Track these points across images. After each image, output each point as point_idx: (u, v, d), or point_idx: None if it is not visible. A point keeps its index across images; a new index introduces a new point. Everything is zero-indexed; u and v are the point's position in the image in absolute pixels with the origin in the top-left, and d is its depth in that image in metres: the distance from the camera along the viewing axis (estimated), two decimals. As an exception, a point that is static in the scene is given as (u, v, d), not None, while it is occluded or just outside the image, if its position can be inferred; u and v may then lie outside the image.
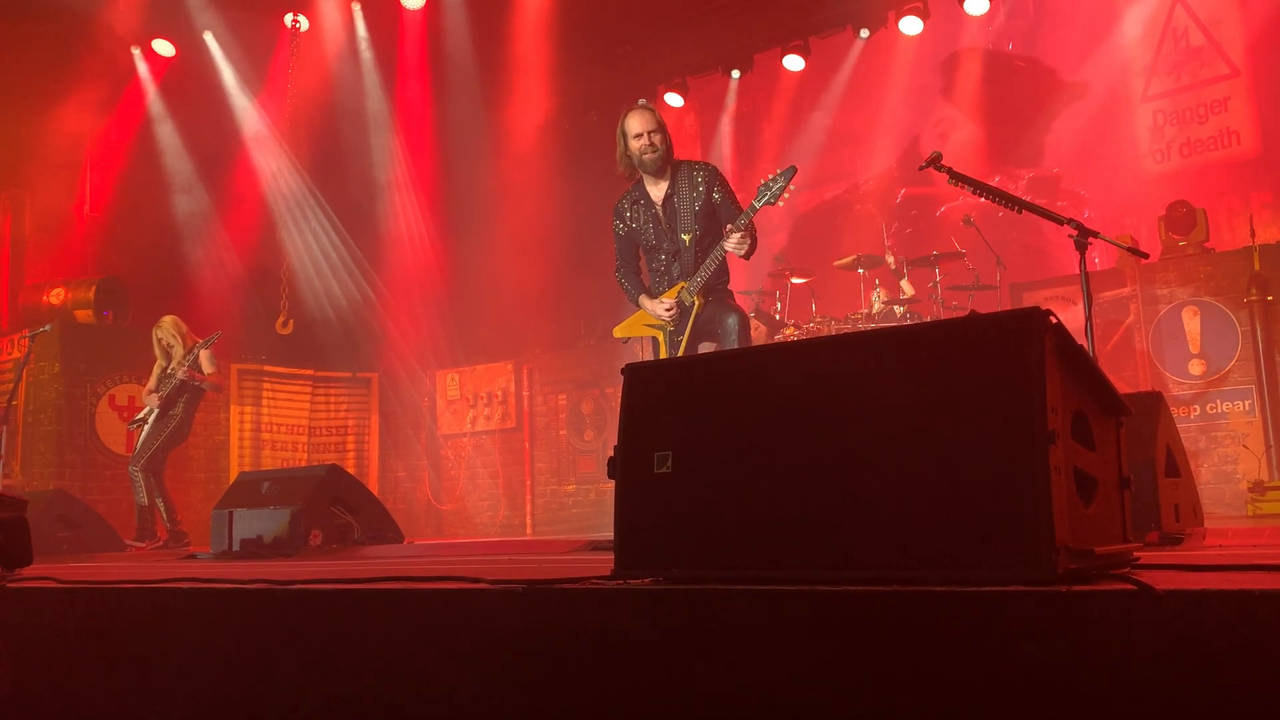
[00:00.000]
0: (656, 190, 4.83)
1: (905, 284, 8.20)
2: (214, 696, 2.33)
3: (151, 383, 7.67)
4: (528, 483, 10.58)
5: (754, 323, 7.89)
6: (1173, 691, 1.35)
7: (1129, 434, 2.46)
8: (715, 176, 4.80)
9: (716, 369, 2.04)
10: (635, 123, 4.72)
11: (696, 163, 4.87)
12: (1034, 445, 1.57)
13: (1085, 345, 3.93)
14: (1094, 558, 1.65)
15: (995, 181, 9.38)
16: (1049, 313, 1.64)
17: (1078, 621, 1.44)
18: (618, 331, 5.10)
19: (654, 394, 2.07)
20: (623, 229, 4.96)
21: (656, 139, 4.71)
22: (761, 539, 1.85)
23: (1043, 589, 1.48)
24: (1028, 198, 9.29)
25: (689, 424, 1.99)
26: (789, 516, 1.82)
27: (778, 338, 8.16)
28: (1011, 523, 1.58)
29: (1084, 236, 3.81)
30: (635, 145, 4.73)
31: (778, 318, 8.49)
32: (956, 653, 1.51)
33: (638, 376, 2.09)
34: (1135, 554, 1.93)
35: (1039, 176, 9.60)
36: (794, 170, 4.62)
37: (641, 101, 4.96)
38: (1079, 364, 1.76)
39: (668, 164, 4.79)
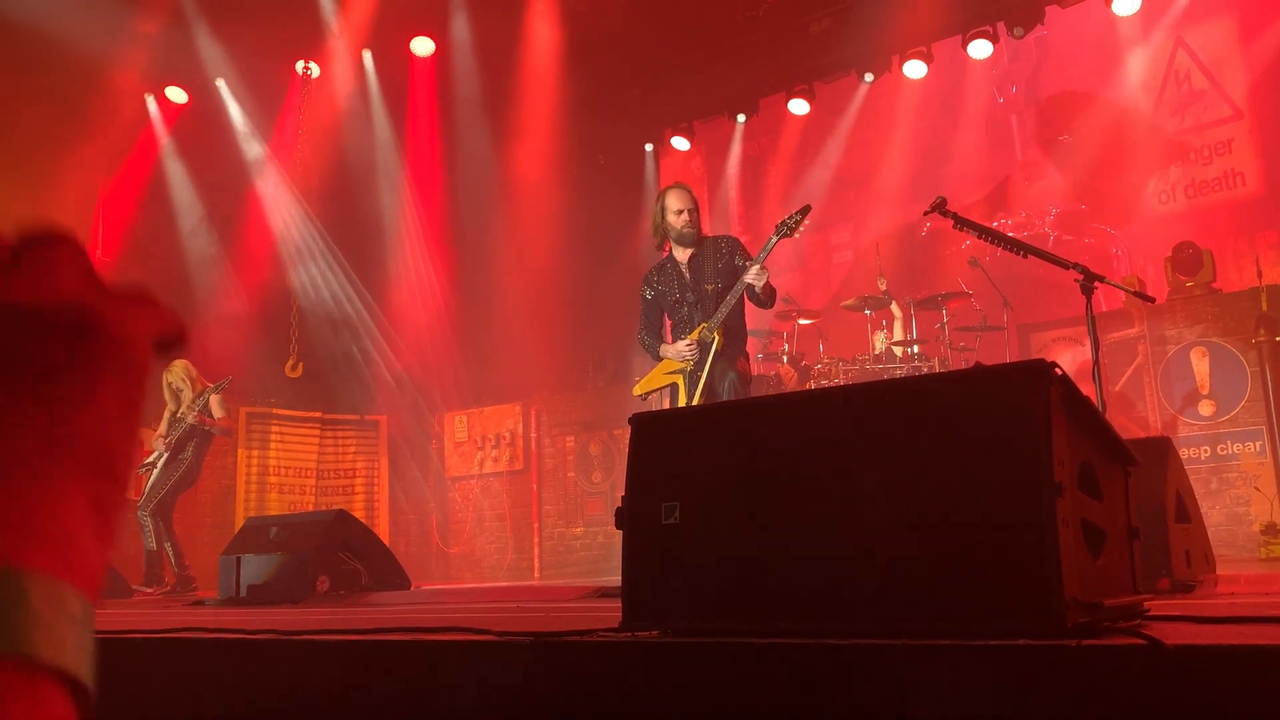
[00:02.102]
0: (683, 255, 5.28)
1: (895, 307, 8.26)
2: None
3: (161, 427, 7.69)
4: (535, 525, 10.54)
5: (786, 369, 7.95)
6: (1184, 749, 1.34)
7: (1138, 481, 2.45)
8: (738, 246, 5.28)
9: (724, 419, 2.05)
10: (675, 200, 5.25)
11: (721, 236, 5.38)
12: (1041, 498, 1.57)
13: (1093, 388, 3.93)
14: (1103, 610, 1.65)
15: (1021, 217, 9.44)
16: (1054, 365, 1.65)
17: (1087, 676, 1.43)
18: (638, 389, 5.36)
19: (661, 444, 2.07)
20: (650, 294, 5.36)
21: (695, 216, 5.24)
22: (770, 591, 1.85)
23: (1052, 643, 1.48)
24: (1055, 234, 9.41)
25: (697, 474, 1.99)
26: (798, 569, 1.82)
27: (810, 386, 8.17)
28: (1020, 576, 1.58)
29: (1089, 281, 3.82)
30: (675, 220, 5.21)
31: (808, 365, 8.48)
32: (966, 707, 1.50)
33: (645, 427, 2.10)
34: (1146, 605, 1.91)
35: (1065, 213, 9.64)
36: (809, 208, 5.12)
37: (680, 184, 5.50)
38: (1085, 415, 1.77)
39: (699, 238, 5.29)
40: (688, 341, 5.04)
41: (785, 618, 1.81)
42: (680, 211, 5.20)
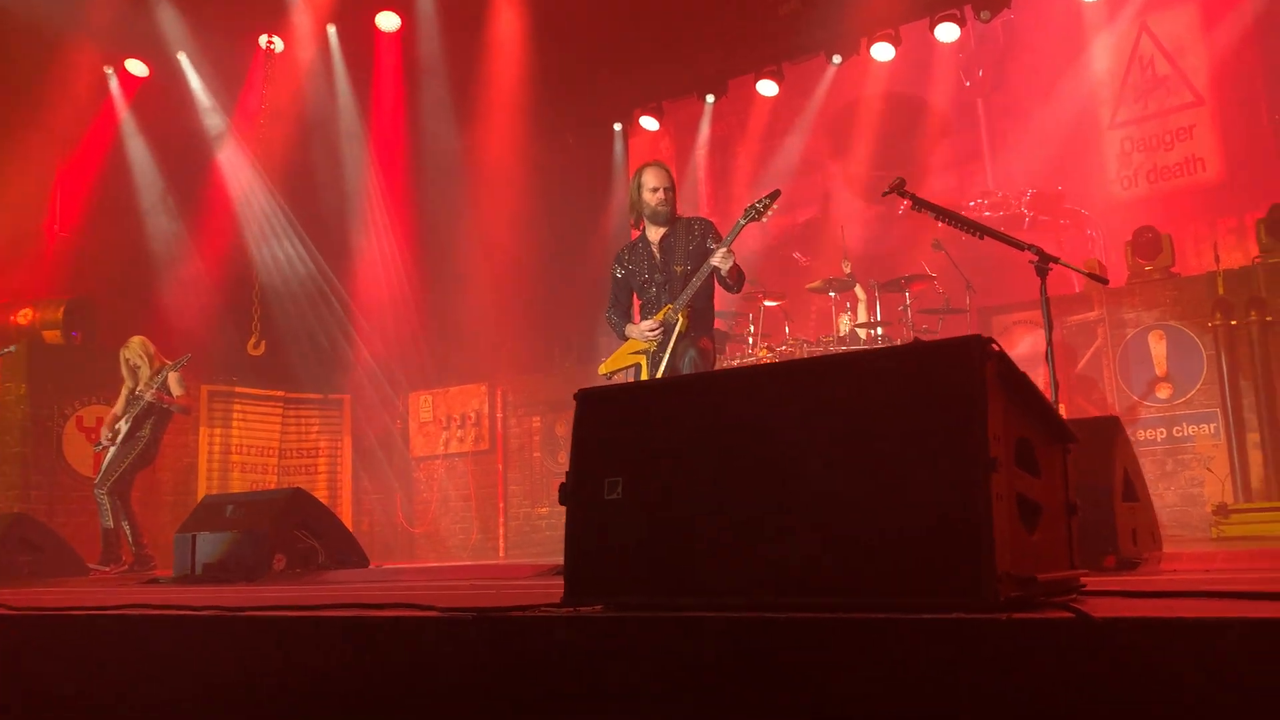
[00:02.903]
0: (655, 234, 5.27)
1: (859, 289, 8.30)
2: (160, 726, 2.30)
3: (119, 405, 7.59)
4: (500, 505, 10.52)
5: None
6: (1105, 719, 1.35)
7: (1086, 459, 2.47)
8: (711, 228, 5.27)
9: (667, 395, 2.04)
10: (651, 177, 5.24)
11: (695, 218, 5.37)
12: (975, 472, 1.58)
13: (1047, 369, 3.96)
14: (1037, 585, 1.66)
15: (998, 197, 9.48)
16: (991, 340, 1.65)
17: (1015, 649, 1.44)
18: (602, 369, 5.38)
19: (606, 419, 2.07)
20: (620, 272, 5.37)
21: (670, 195, 5.23)
22: (710, 566, 1.85)
23: (982, 617, 1.49)
24: (1030, 214, 9.45)
25: (640, 450, 1.99)
26: (737, 544, 1.82)
27: (727, 360, 8.21)
28: (953, 550, 1.59)
29: (1044, 262, 3.85)
30: (651, 197, 5.20)
31: (750, 340, 8.52)
32: (896, 681, 1.51)
33: (590, 402, 2.09)
34: (1082, 580, 1.93)
35: (1041, 194, 9.68)
36: (778, 193, 5.12)
37: (658, 162, 5.46)
38: (1023, 391, 1.78)
39: (673, 218, 5.27)
40: (651, 323, 5.06)
41: (724, 592, 1.81)
42: (655, 189, 5.19)
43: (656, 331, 5.04)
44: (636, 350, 5.16)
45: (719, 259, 4.90)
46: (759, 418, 1.85)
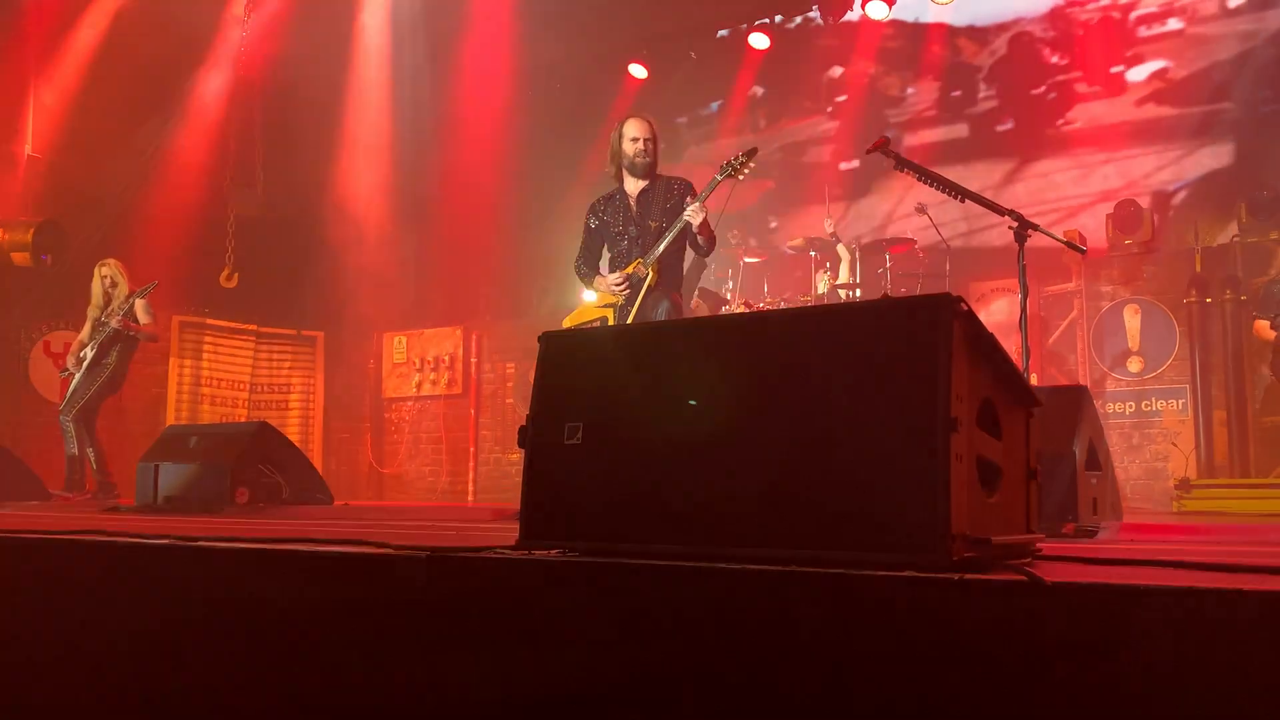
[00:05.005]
0: (634, 187, 5.17)
1: (841, 249, 8.22)
2: (105, 652, 2.28)
3: (85, 331, 7.49)
4: (471, 450, 10.51)
5: (696, 301, 7.90)
6: (1050, 681, 1.35)
7: (1051, 427, 2.46)
8: (690, 188, 5.16)
9: (631, 342, 2.01)
10: (634, 128, 5.12)
11: (676, 176, 5.26)
12: (935, 431, 1.56)
13: (1021, 336, 3.96)
14: (991, 547, 1.65)
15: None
16: (959, 299, 1.63)
17: (966, 609, 1.43)
18: (567, 321, 5.30)
19: (568, 364, 2.04)
20: (594, 223, 5.26)
21: (650, 147, 5.10)
22: (667, 515, 1.83)
23: (933, 575, 1.48)
24: (1021, 183, 9.36)
25: (601, 396, 1.96)
26: (694, 493, 1.80)
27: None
28: (909, 508, 1.58)
29: (1023, 229, 3.82)
30: (630, 148, 5.09)
31: (728, 296, 8.49)
32: (846, 635, 1.50)
33: (553, 345, 2.06)
34: (1038, 545, 1.93)
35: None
36: (755, 150, 5.04)
37: (641, 114, 5.37)
38: (989, 353, 1.76)
39: (652, 172, 5.16)
40: (618, 276, 4.99)
41: (680, 541, 1.80)
42: (636, 139, 5.09)
43: (623, 286, 4.98)
44: (604, 304, 5.11)
45: (691, 213, 4.85)
46: (721, 367, 1.83)
